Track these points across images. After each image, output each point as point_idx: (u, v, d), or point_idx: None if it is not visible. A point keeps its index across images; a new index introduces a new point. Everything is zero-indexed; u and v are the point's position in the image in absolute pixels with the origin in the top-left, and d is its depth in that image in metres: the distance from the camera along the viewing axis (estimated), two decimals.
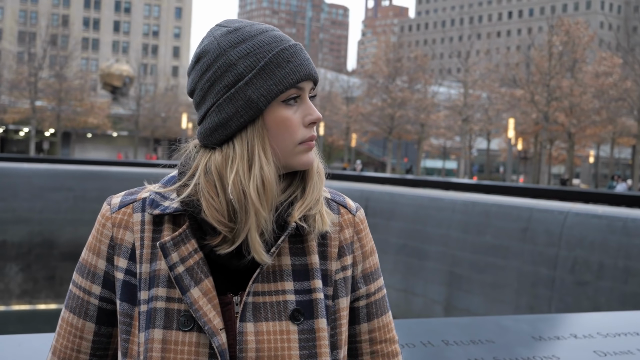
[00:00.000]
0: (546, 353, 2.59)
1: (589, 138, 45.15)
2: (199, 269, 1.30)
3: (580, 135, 42.48)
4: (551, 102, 40.08)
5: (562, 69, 41.20)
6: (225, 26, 1.36)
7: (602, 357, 2.63)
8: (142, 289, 1.32)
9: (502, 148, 58.17)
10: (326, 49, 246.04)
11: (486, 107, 50.45)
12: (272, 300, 1.31)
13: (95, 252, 1.38)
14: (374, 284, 1.46)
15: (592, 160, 61.26)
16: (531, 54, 47.37)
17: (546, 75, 40.56)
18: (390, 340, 1.48)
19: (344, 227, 1.42)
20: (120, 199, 1.40)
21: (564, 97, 39.62)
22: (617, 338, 2.81)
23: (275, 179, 1.31)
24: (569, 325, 2.88)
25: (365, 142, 69.95)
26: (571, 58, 41.71)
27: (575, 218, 13.12)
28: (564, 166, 57.23)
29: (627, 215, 12.85)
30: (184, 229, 1.32)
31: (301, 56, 1.33)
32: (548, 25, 45.65)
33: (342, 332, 1.39)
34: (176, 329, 1.28)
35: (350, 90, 63.31)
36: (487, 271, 14.85)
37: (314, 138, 1.35)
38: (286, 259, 1.34)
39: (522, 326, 2.81)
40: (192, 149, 1.39)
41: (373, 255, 1.47)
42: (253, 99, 1.29)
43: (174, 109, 62.78)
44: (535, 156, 46.99)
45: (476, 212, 15.39)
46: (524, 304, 13.87)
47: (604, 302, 12.30)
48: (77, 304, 1.40)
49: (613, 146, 52.09)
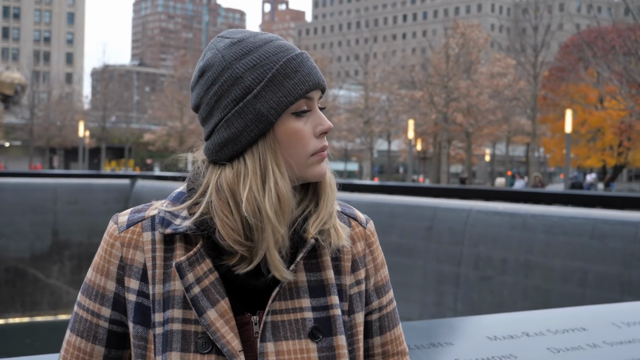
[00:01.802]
0: (504, 352, 2.62)
1: (486, 137, 46.47)
2: (215, 290, 1.27)
3: (478, 135, 43.70)
4: (450, 103, 41.07)
5: (459, 70, 42.30)
6: (228, 37, 1.32)
7: (556, 353, 2.68)
8: (156, 311, 1.28)
9: (401, 149, 59.13)
10: None
11: (386, 109, 51.19)
12: (290, 319, 1.29)
13: (103, 273, 1.34)
14: (385, 296, 1.45)
15: (488, 159, 63.17)
16: (429, 56, 48.46)
17: (444, 77, 41.54)
18: (402, 352, 1.48)
19: (356, 240, 1.40)
20: (128, 217, 1.36)
21: (462, 97, 40.68)
22: (566, 334, 2.87)
23: (291, 193, 1.27)
24: (520, 324, 2.93)
25: None
26: (467, 60, 42.88)
27: (478, 215, 13.42)
28: (461, 165, 58.81)
29: (527, 212, 13.27)
30: (199, 249, 1.28)
31: (308, 65, 1.30)
32: (444, 28, 46.81)
33: (359, 348, 1.38)
34: (194, 352, 1.25)
35: None
36: (394, 271, 15.02)
37: (325, 148, 1.32)
38: (301, 275, 1.32)
39: (473, 327, 2.86)
40: (201, 165, 1.34)
41: (384, 268, 1.46)
42: (263, 112, 1.26)
43: (69, 117, 60.93)
44: (435, 156, 48.03)
45: (381, 212, 15.55)
46: (431, 301, 14.11)
47: (507, 296, 12.64)
48: (85, 327, 1.34)
49: (508, 144, 53.78)
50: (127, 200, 23.77)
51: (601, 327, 2.99)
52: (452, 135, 44.54)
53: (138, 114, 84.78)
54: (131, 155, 67.92)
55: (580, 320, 3.04)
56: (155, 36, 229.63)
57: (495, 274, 12.79)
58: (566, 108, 35.33)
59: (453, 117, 41.12)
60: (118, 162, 69.37)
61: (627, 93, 28.60)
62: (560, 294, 12.23)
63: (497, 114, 42.46)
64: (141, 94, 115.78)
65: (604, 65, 29.53)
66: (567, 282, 12.32)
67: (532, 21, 43.57)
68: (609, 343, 2.84)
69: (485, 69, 45.11)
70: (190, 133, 59.01)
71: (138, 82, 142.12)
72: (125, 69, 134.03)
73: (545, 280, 12.44)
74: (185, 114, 58.59)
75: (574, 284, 12.24)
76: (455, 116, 40.81)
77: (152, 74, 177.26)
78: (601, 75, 30.74)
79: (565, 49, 43.18)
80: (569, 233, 12.43)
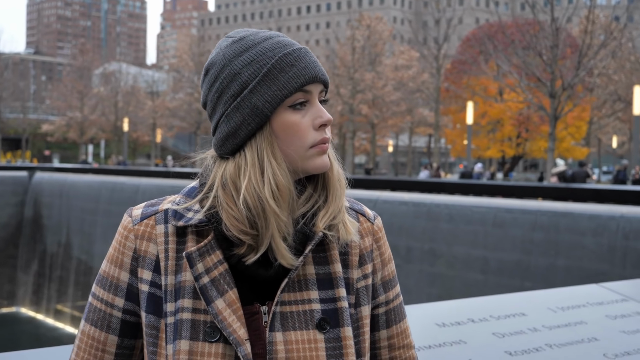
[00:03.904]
0: (454, 339, 2.72)
1: (390, 128, 47.24)
2: (224, 280, 1.31)
3: (382, 126, 44.33)
4: (355, 94, 41.50)
5: (365, 62, 42.77)
6: (232, 37, 1.38)
7: (501, 338, 2.80)
8: (168, 301, 1.33)
9: None
10: (124, 42, 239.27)
11: None
12: (298, 310, 1.33)
13: (117, 265, 1.38)
14: (392, 290, 1.50)
15: (391, 150, 64.22)
16: (335, 47, 48.80)
17: (350, 69, 41.93)
18: (408, 345, 1.53)
19: (364, 236, 1.44)
20: (142, 211, 1.40)
21: (367, 89, 41.18)
22: (508, 320, 2.99)
23: (290, 182, 1.31)
24: (465, 311, 3.04)
25: (171, 137, 68.93)
26: (373, 52, 43.39)
27: (384, 205, 13.63)
28: (365, 156, 59.55)
29: (431, 201, 13.57)
30: (209, 240, 1.33)
31: (306, 59, 1.33)
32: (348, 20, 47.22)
33: (365, 340, 1.42)
34: (202, 340, 1.29)
35: (156, 84, 62.07)
36: None
37: (326, 140, 1.35)
38: (310, 268, 1.36)
39: (421, 314, 2.94)
40: (209, 160, 1.38)
41: (391, 263, 1.50)
42: (258, 106, 1.30)
43: None
44: (340, 147, 48.48)
45: None
46: None
47: (413, 284, 12.88)
48: (99, 316, 1.39)
49: (411, 135, 54.79)
50: (25, 193, 23.00)
51: (539, 312, 3.15)
52: (358, 126, 45.05)
53: (35, 104, 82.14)
54: (28, 147, 65.69)
55: (519, 306, 3.19)
56: (51, 24, 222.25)
57: (402, 263, 13.01)
58: (467, 100, 36.29)
59: (359, 109, 41.60)
60: (14, 154, 67.13)
61: (526, 86, 29.58)
62: (464, 281, 12.55)
63: (401, 106, 43.17)
64: (38, 83, 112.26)
65: (504, 58, 30.41)
66: (470, 269, 12.66)
67: (434, 14, 44.45)
68: (548, 327, 2.99)
69: (390, 61, 45.81)
70: (90, 124, 57.62)
71: (34, 70, 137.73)
72: (20, 57, 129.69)
73: (449, 268, 12.75)
74: (85, 104, 57.17)
75: (476, 271, 12.58)
76: (360, 107, 41.29)
77: (49, 63, 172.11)
78: (501, 68, 31.61)
79: (466, 42, 44.25)
80: (472, 222, 12.76)
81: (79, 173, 27.57)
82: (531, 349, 2.76)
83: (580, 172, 20.12)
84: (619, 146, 57.27)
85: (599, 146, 55.10)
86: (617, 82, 37.96)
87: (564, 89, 26.41)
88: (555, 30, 27.27)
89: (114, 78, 61.20)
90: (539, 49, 27.83)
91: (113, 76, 61.95)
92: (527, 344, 2.79)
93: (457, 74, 42.14)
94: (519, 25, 31.29)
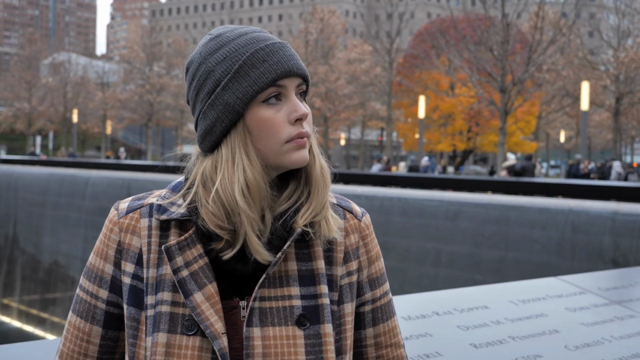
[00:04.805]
0: (420, 331, 2.75)
1: (342, 121, 47.39)
2: (203, 274, 1.31)
3: (335, 119, 44.45)
4: None
5: (318, 55, 42.79)
6: (211, 34, 1.39)
7: (465, 331, 2.85)
8: (149, 294, 1.34)
9: None
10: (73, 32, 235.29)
11: None
12: (278, 306, 1.32)
13: (102, 257, 1.40)
14: (379, 289, 1.48)
15: (343, 143, 64.44)
16: (288, 41, 48.69)
17: (303, 62, 41.82)
18: (396, 344, 1.51)
19: (350, 233, 1.43)
20: (128, 204, 1.41)
21: (320, 82, 41.23)
22: (471, 312, 3.04)
23: (261, 180, 1.31)
24: (430, 304, 3.09)
25: (121, 129, 68.10)
26: (326, 45, 43.43)
27: None
28: None
29: (384, 194, 13.66)
30: (190, 234, 1.33)
31: (280, 54, 1.33)
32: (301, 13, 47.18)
33: (347, 337, 1.41)
34: (180, 333, 1.30)
35: (106, 75, 61.22)
36: None
37: (303, 135, 1.33)
38: (292, 264, 1.35)
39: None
40: (194, 156, 1.39)
41: (379, 261, 1.49)
42: (230, 103, 1.31)
43: None
44: None
45: None
46: None
47: None
48: (85, 308, 1.41)
49: (363, 129, 55.04)
50: None
51: (501, 305, 3.21)
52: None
53: None
54: None
55: (482, 299, 3.24)
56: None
57: None
58: (419, 94, 36.56)
59: (312, 102, 41.61)
60: None
61: (477, 80, 29.95)
62: (416, 273, 12.67)
63: (353, 99, 43.32)
64: None
65: (456, 53, 30.74)
66: (422, 262, 12.78)
67: (387, 8, 44.65)
68: (510, 319, 3.05)
69: (343, 55, 45.94)
70: (39, 115, 56.60)
71: None
72: None
73: (401, 261, 12.85)
74: (33, 94, 56.12)
75: (428, 264, 12.71)
76: (313, 101, 41.32)
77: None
78: (453, 62, 31.96)
79: (418, 37, 44.50)
80: (424, 215, 12.87)
81: (27, 165, 27.10)
82: (495, 341, 2.81)
83: (528, 165, 20.56)
84: (567, 141, 58.43)
85: (547, 140, 56.13)
86: (565, 78, 38.61)
87: (514, 84, 26.82)
88: (506, 26, 27.68)
89: (63, 68, 60.23)
90: (489, 44, 28.21)
91: (62, 66, 60.96)
92: (491, 337, 2.84)
93: (409, 68, 42.38)
94: (471, 21, 31.61)
